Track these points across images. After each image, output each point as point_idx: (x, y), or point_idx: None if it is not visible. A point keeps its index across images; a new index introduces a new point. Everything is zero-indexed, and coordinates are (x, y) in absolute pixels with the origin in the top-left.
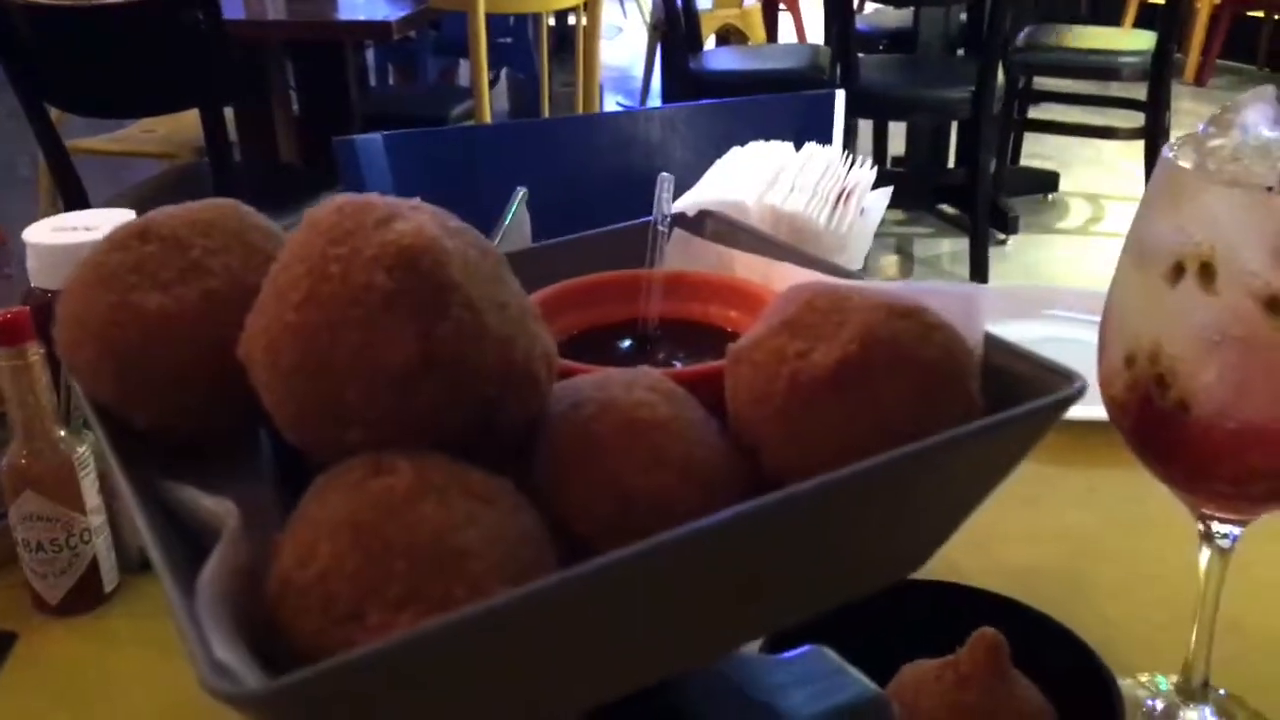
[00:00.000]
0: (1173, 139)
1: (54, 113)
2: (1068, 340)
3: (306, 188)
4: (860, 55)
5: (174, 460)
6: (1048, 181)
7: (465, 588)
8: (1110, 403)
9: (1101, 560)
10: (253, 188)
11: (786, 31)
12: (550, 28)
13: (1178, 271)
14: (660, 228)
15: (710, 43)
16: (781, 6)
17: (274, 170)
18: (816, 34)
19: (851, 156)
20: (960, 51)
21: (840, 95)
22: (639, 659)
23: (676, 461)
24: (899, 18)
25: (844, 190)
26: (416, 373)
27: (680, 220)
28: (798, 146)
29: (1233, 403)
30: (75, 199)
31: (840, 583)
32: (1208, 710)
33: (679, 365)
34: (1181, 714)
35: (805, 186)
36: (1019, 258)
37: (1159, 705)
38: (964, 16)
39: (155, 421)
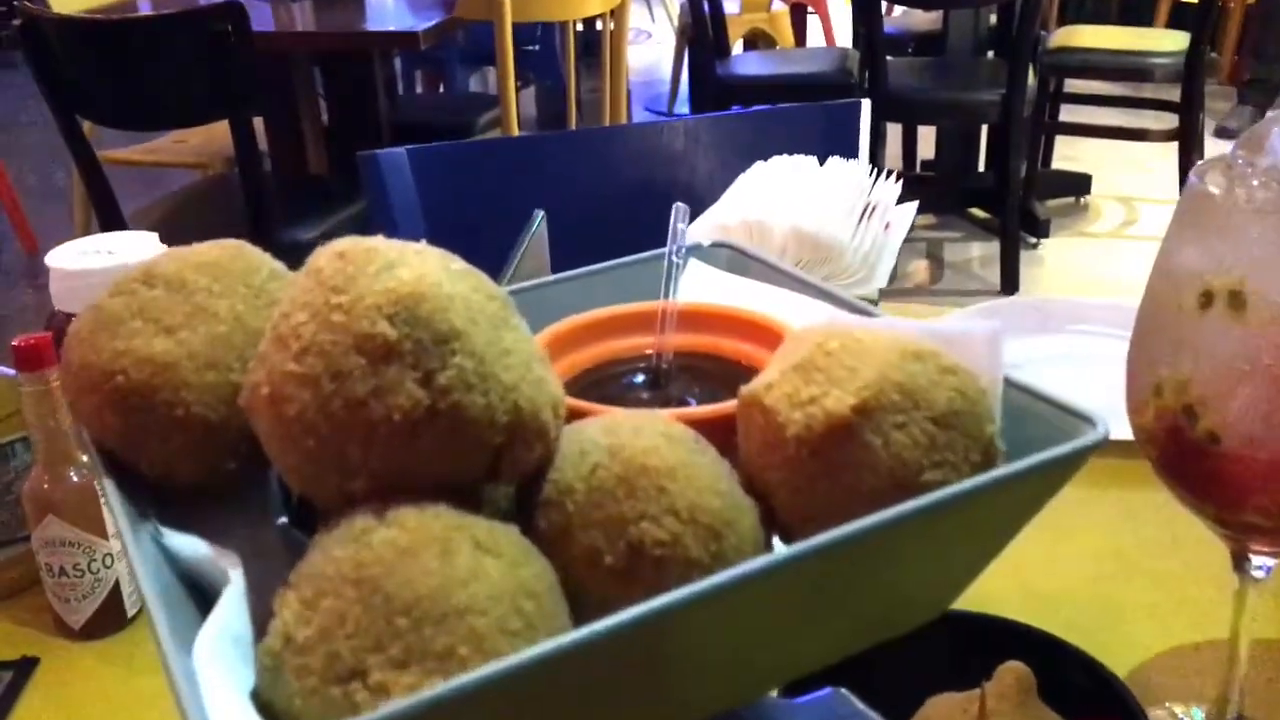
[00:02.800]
0: (1202, 159)
1: (86, 125)
2: (1096, 357)
3: (335, 199)
4: (889, 58)
5: (179, 503)
6: (1080, 184)
7: (469, 645)
8: (1139, 432)
9: (1131, 584)
10: (282, 199)
11: (815, 35)
12: (577, 33)
13: (1207, 299)
14: (675, 259)
15: (738, 47)
16: (810, 10)
17: (303, 181)
18: (845, 37)
19: (877, 171)
20: (990, 54)
21: (866, 105)
22: (646, 714)
23: (685, 510)
24: (928, 20)
25: (868, 206)
26: (419, 423)
27: (695, 251)
28: (822, 157)
29: (1263, 434)
30: (108, 211)
31: (854, 632)
32: None
33: (692, 402)
34: None
35: (828, 203)
36: (1051, 261)
37: None
38: (994, 19)
39: (160, 468)
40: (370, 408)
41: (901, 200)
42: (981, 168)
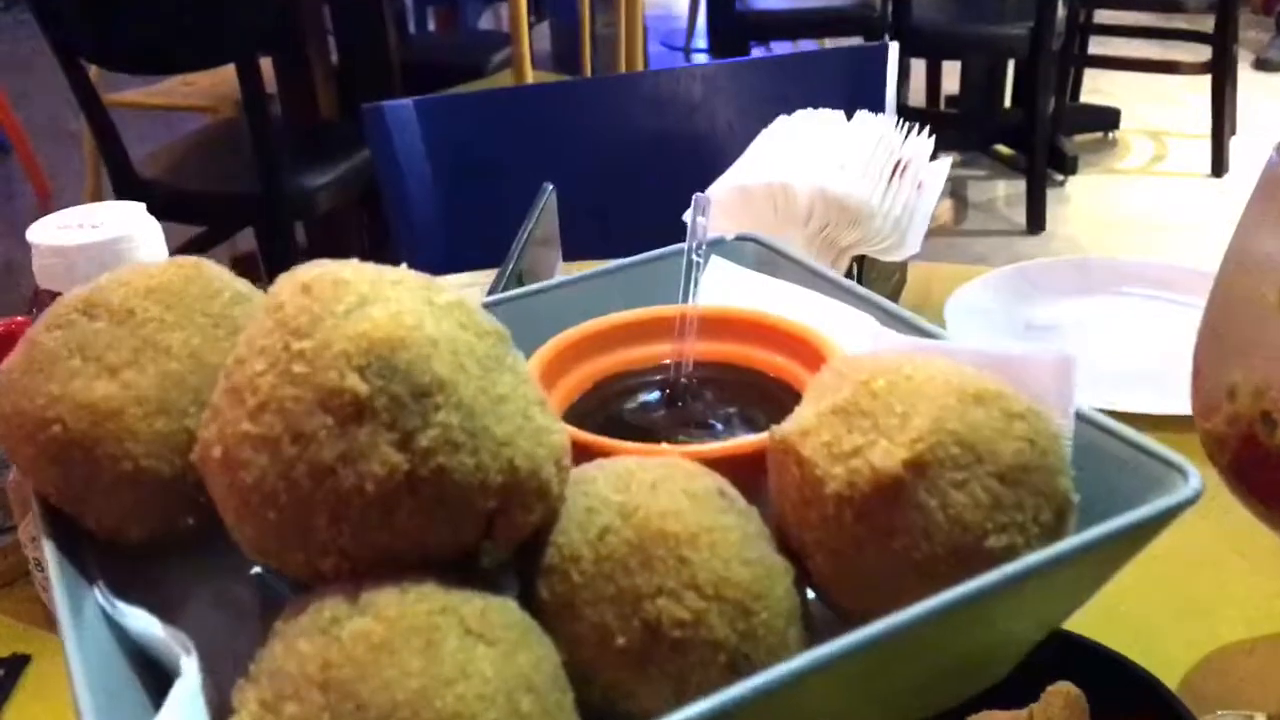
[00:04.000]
0: (1236, 93)
1: (92, 69)
2: (1141, 322)
3: (345, 144)
4: None
5: (132, 556)
6: (1108, 119)
7: None
8: (1206, 436)
9: (1178, 576)
10: (291, 145)
11: None
12: None
13: None
14: (695, 257)
15: None
16: None
17: (313, 126)
18: None
19: (907, 125)
20: None
21: (894, 48)
22: None
23: (709, 584)
24: None
25: (899, 163)
26: (397, 493)
27: (718, 246)
28: (848, 104)
29: None
30: (115, 157)
31: (906, 709)
32: None
33: (717, 425)
34: None
35: (856, 162)
36: (1078, 199)
37: None
38: None
39: (107, 524)
40: (339, 476)
41: (932, 153)
42: (1008, 102)
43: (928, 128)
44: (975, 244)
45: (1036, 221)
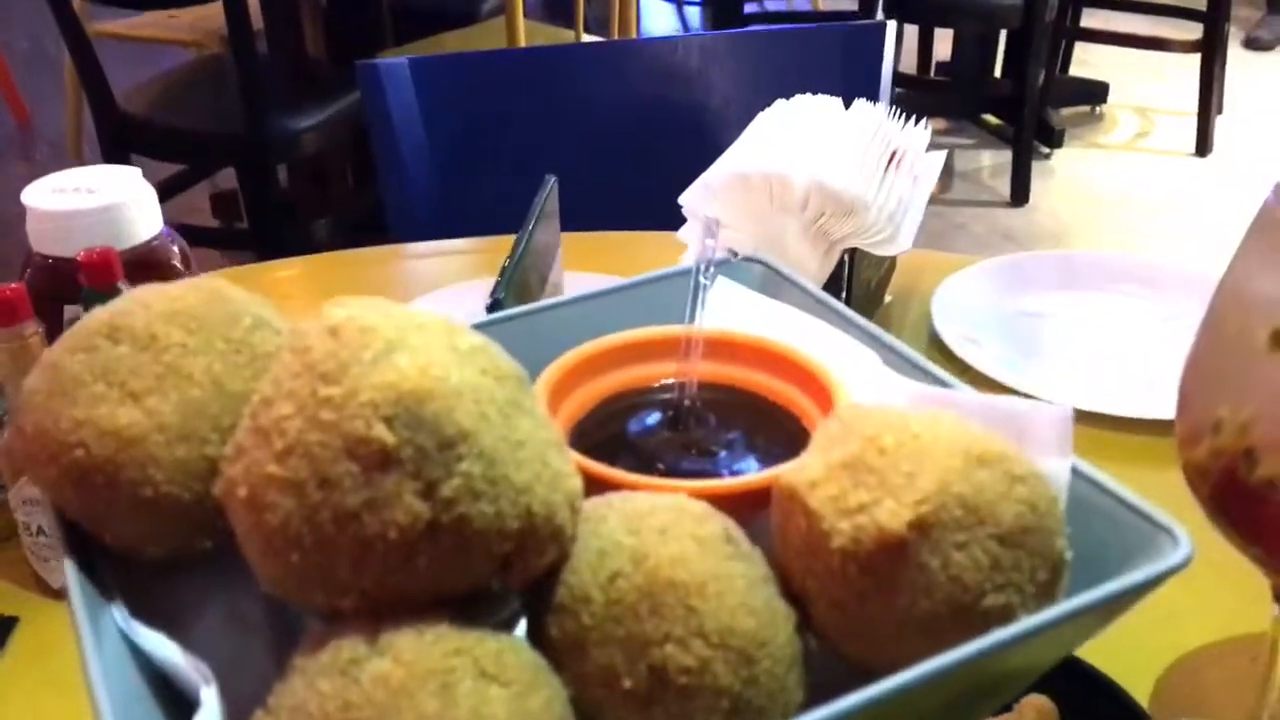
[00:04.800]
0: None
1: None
2: (1125, 322)
3: (333, 87)
4: None
5: (149, 570)
6: (1096, 93)
7: None
8: (1188, 465)
9: (1160, 599)
10: (278, 85)
11: None
12: None
13: (1279, 339)
14: (703, 279)
15: None
16: None
17: (300, 67)
18: None
19: (904, 114)
20: None
21: (891, 27)
22: None
23: (715, 633)
24: None
25: (895, 153)
26: (419, 540)
27: (724, 267)
28: (846, 82)
29: None
30: (98, 89)
31: None
32: None
33: (721, 453)
34: None
35: (853, 154)
36: (1062, 173)
37: None
38: None
39: (126, 544)
40: (363, 522)
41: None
42: (998, 72)
43: (925, 120)
44: (957, 213)
45: (1020, 194)
